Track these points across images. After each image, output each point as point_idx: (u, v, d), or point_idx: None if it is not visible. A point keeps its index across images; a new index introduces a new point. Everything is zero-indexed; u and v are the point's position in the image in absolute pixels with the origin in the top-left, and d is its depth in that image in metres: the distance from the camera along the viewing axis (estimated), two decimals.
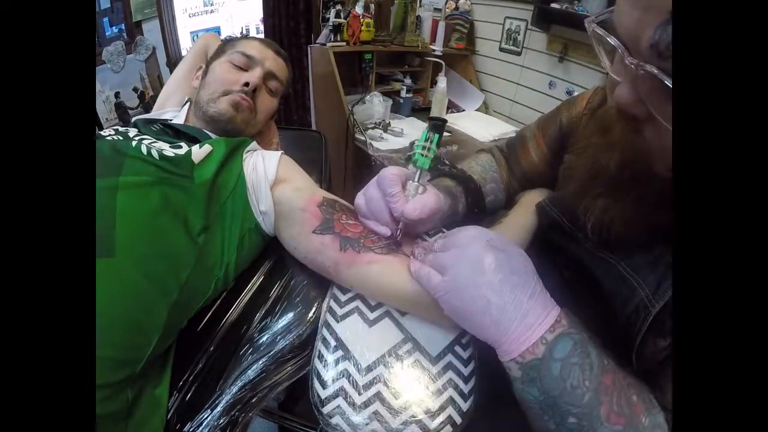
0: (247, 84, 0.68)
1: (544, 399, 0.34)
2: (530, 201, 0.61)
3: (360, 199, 0.52)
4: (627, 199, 0.38)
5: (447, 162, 0.64)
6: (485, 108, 1.82)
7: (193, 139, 0.64)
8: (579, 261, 0.47)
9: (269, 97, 0.75)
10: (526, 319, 0.34)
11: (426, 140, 0.51)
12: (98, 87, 1.68)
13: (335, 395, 0.45)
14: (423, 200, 0.48)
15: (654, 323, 0.37)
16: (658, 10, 0.27)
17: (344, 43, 1.57)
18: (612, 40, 0.31)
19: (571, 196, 0.45)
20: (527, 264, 0.38)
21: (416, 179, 0.50)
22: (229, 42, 0.77)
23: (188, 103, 0.76)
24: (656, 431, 0.33)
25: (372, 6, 1.60)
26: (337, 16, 1.55)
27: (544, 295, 0.36)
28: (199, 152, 0.58)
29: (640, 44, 0.28)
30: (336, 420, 0.44)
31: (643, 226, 0.38)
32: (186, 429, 0.48)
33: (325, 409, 0.44)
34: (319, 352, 0.49)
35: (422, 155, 0.50)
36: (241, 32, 2.03)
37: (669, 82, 0.27)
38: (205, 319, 0.56)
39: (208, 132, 0.67)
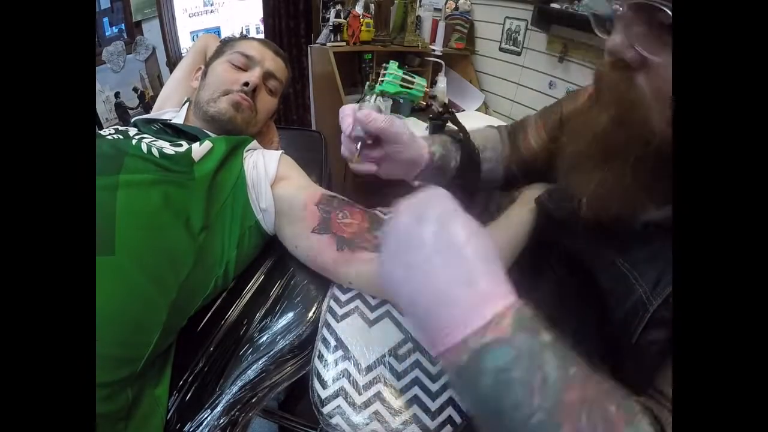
0: (246, 84, 0.69)
1: (483, 414, 0.28)
2: (530, 197, 0.61)
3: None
4: (624, 166, 0.35)
5: (451, 111, 0.63)
6: (485, 108, 1.82)
7: (193, 138, 0.64)
8: (574, 257, 0.45)
9: (269, 96, 0.75)
10: (446, 312, 0.27)
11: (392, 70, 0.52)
12: (98, 87, 1.67)
13: (335, 395, 0.45)
14: (374, 112, 0.47)
15: (650, 319, 0.36)
16: None
17: (344, 43, 1.57)
18: None
19: (566, 173, 0.43)
20: (469, 241, 0.29)
21: (373, 100, 0.50)
22: (228, 42, 0.77)
23: (187, 104, 0.76)
24: None
25: (372, 6, 1.60)
26: (337, 16, 1.55)
27: (487, 282, 0.28)
28: (199, 150, 0.58)
29: None
30: (336, 420, 0.44)
31: (641, 198, 0.35)
32: (186, 429, 0.47)
33: (326, 409, 0.44)
34: (319, 352, 0.49)
35: (380, 81, 0.51)
36: (241, 32, 2.02)
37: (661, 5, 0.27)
38: (205, 319, 0.56)
39: (208, 132, 0.68)
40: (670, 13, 0.26)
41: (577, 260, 0.45)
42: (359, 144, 0.48)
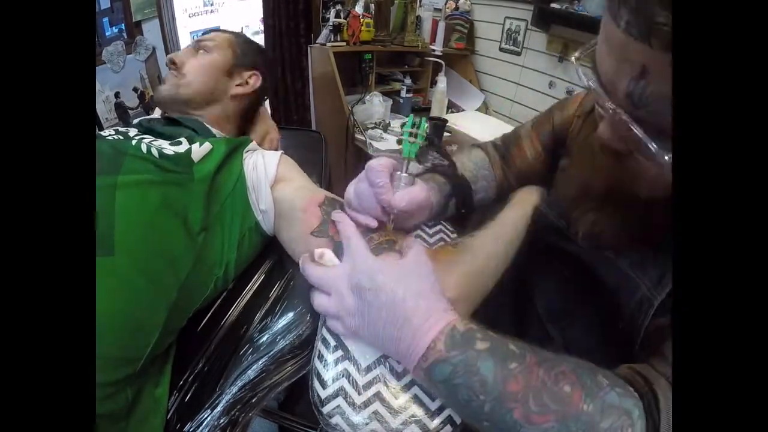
0: (170, 60, 0.70)
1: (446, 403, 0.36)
2: (522, 199, 0.62)
3: (350, 192, 0.52)
4: (615, 216, 0.41)
5: (437, 155, 0.63)
6: (485, 108, 1.82)
7: (192, 130, 0.65)
8: (579, 259, 0.48)
9: (202, 56, 0.72)
10: (397, 347, 0.37)
11: (413, 126, 0.49)
12: (98, 87, 1.68)
13: (335, 395, 0.45)
14: (411, 192, 0.48)
15: (656, 312, 0.39)
16: (631, 63, 0.28)
17: (344, 43, 1.57)
18: (592, 84, 0.33)
19: (565, 206, 0.49)
20: (396, 291, 0.37)
21: (404, 170, 0.49)
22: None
23: None
24: (608, 412, 0.31)
25: (372, 6, 1.60)
26: (337, 16, 1.55)
27: (417, 321, 0.35)
28: (198, 150, 0.58)
29: (618, 90, 0.30)
30: (336, 420, 0.44)
31: (630, 239, 0.41)
32: (186, 429, 0.48)
33: (325, 409, 0.44)
34: (319, 351, 0.49)
35: (409, 142, 0.50)
36: (241, 32, 2.03)
37: (640, 133, 0.29)
38: (205, 319, 0.56)
39: (192, 119, 0.68)
40: (641, 135, 0.29)
41: (582, 261, 0.48)
42: (392, 216, 0.49)
